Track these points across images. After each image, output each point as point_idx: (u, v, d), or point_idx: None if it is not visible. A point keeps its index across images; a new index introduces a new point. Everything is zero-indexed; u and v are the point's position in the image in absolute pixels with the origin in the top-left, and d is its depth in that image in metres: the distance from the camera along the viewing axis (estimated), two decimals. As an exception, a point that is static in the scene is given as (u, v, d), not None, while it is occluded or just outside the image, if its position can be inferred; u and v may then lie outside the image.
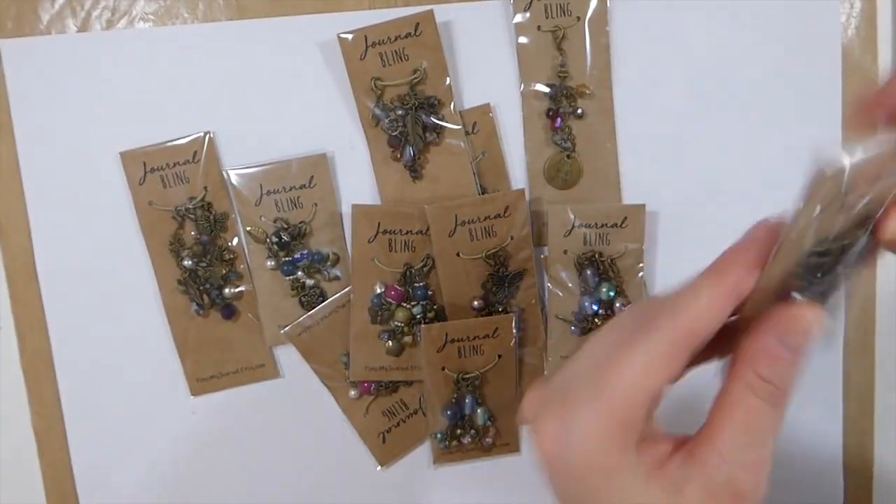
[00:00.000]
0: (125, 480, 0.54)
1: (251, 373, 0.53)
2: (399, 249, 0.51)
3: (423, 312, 0.52)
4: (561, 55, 0.52)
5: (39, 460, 0.53)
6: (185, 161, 0.51)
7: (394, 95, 0.50)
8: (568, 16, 0.51)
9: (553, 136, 0.52)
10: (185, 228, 0.51)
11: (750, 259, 0.25)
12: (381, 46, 0.49)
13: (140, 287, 0.52)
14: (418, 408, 0.54)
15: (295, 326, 0.52)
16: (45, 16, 0.50)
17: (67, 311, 0.52)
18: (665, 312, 0.26)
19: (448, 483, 0.55)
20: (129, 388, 0.53)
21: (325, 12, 0.50)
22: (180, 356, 0.53)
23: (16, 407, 0.53)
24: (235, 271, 0.52)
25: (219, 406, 0.54)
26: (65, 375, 0.52)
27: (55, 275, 0.51)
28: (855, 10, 0.53)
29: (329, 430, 0.54)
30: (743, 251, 0.26)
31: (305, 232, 0.52)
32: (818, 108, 0.53)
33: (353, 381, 0.53)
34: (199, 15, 0.50)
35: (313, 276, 0.52)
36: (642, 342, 0.25)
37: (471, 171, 0.52)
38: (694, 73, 0.53)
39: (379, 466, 0.55)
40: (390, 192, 0.52)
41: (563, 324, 0.53)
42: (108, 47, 0.50)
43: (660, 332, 0.25)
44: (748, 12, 0.52)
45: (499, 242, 0.51)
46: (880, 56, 0.53)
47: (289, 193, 0.51)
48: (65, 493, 0.53)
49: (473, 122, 0.52)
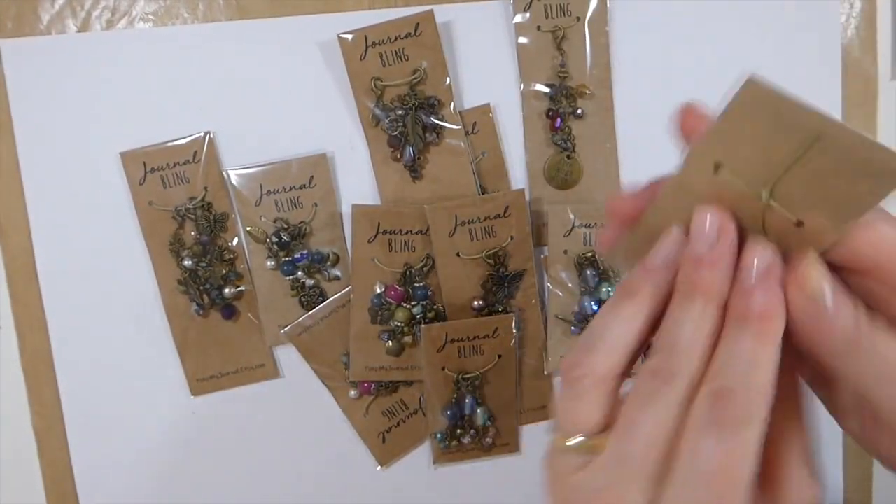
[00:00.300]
0: (125, 480, 0.54)
1: (251, 373, 0.53)
2: (399, 249, 0.51)
3: (423, 312, 0.52)
4: (561, 55, 0.52)
5: (39, 460, 0.53)
6: (185, 161, 0.51)
7: (394, 95, 0.50)
8: (568, 16, 0.51)
9: (553, 136, 0.52)
10: (186, 228, 0.51)
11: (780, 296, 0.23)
12: (381, 46, 0.49)
13: (140, 287, 0.52)
14: (418, 408, 0.54)
15: (295, 326, 0.52)
16: (45, 16, 0.50)
17: (67, 311, 0.52)
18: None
19: (448, 483, 0.55)
20: (129, 388, 0.53)
21: (325, 12, 0.50)
22: (180, 356, 0.53)
23: (16, 407, 0.53)
24: (235, 271, 0.52)
25: (219, 406, 0.54)
26: (65, 375, 0.52)
27: (55, 275, 0.51)
28: (855, 10, 0.53)
29: (329, 430, 0.54)
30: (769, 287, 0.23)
31: (305, 232, 0.52)
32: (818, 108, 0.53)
33: (353, 381, 0.53)
34: (199, 15, 0.50)
35: (313, 276, 0.52)
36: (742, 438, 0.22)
37: (471, 171, 0.52)
38: (694, 73, 0.53)
39: (379, 466, 0.55)
40: (390, 192, 0.52)
41: (563, 324, 0.53)
42: (108, 47, 0.50)
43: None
44: (748, 12, 0.52)
45: (499, 242, 0.51)
46: (880, 56, 0.53)
47: (289, 193, 0.51)
48: (65, 493, 0.53)
49: (473, 122, 0.52)
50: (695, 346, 0.23)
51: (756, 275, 0.23)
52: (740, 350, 0.23)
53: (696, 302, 0.23)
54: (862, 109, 0.54)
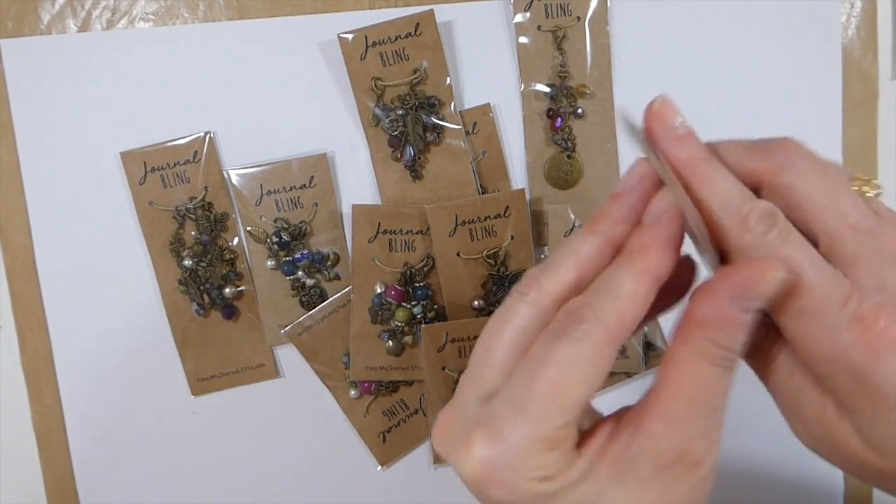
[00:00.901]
0: (125, 480, 0.54)
1: (251, 373, 0.53)
2: (399, 249, 0.51)
3: (424, 312, 0.52)
4: (561, 55, 0.52)
5: (39, 460, 0.53)
6: (186, 161, 0.51)
7: (394, 95, 0.50)
8: (568, 16, 0.51)
9: (553, 136, 0.52)
10: (186, 228, 0.51)
11: (668, 234, 0.24)
12: (382, 46, 0.49)
13: (140, 287, 0.52)
14: (418, 408, 0.54)
15: (295, 326, 0.52)
16: (46, 16, 0.50)
17: (67, 311, 0.52)
18: (587, 315, 0.24)
19: (448, 483, 0.55)
20: (129, 388, 0.53)
21: (325, 12, 0.50)
22: (180, 356, 0.53)
23: (16, 407, 0.53)
24: (236, 271, 0.52)
25: (219, 406, 0.54)
26: (65, 375, 0.52)
27: (55, 275, 0.51)
28: (855, 10, 0.53)
29: (329, 430, 0.54)
30: (658, 227, 0.25)
31: (305, 232, 0.52)
32: (818, 108, 0.53)
33: (353, 380, 0.53)
34: (199, 15, 0.50)
35: (313, 276, 0.52)
36: (567, 349, 0.23)
37: (471, 171, 0.52)
38: (694, 73, 0.53)
39: (379, 466, 0.55)
40: (390, 192, 0.52)
41: (563, 324, 0.53)
42: (108, 47, 0.50)
43: (586, 337, 0.23)
44: (748, 12, 0.52)
45: (499, 242, 0.51)
46: (880, 56, 0.53)
47: (289, 193, 0.51)
48: (65, 493, 0.53)
49: (473, 122, 0.52)
50: (564, 267, 0.25)
51: (650, 216, 0.25)
52: (609, 276, 0.24)
53: (588, 231, 0.26)
54: (862, 109, 0.54)
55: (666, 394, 0.24)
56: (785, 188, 0.24)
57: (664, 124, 0.25)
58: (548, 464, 0.23)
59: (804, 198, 0.24)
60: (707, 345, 0.23)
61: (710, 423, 0.24)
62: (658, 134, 0.25)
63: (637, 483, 0.23)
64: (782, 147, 0.25)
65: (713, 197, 0.24)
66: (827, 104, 0.53)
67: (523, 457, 0.23)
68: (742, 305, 0.23)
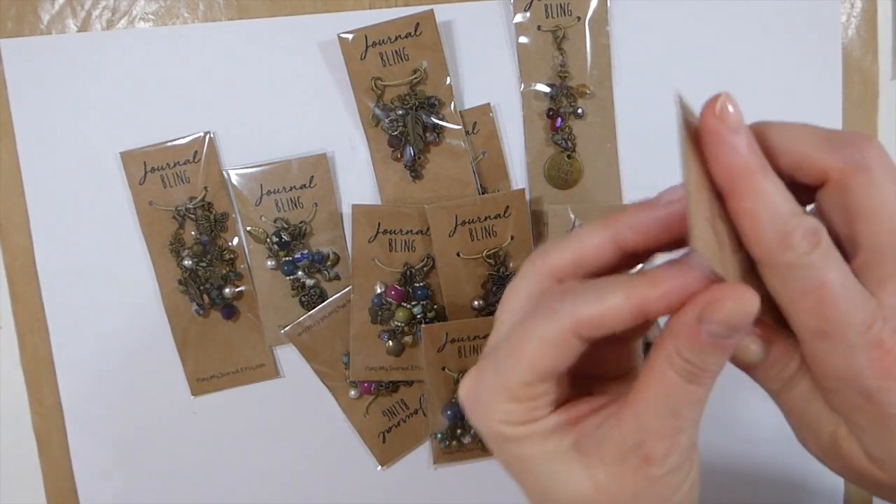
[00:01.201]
0: (125, 480, 0.54)
1: (251, 373, 0.53)
2: (399, 249, 0.51)
3: (424, 312, 0.52)
4: (561, 55, 0.52)
5: (39, 460, 0.53)
6: (186, 161, 0.51)
7: (394, 95, 0.50)
8: (568, 16, 0.51)
9: (553, 136, 0.52)
10: (186, 228, 0.51)
11: (689, 280, 0.23)
12: (382, 46, 0.49)
13: (140, 287, 0.52)
14: (418, 408, 0.54)
15: (295, 326, 0.52)
16: (45, 16, 0.50)
17: (67, 311, 0.52)
18: (566, 301, 0.25)
19: (448, 483, 0.55)
20: (129, 388, 0.53)
21: (325, 12, 0.50)
22: (180, 356, 0.53)
23: (16, 407, 0.53)
24: (235, 271, 0.52)
25: (219, 406, 0.54)
26: (65, 375, 0.52)
27: (55, 275, 0.51)
28: (855, 10, 0.53)
29: (329, 430, 0.54)
30: (683, 268, 0.24)
31: (305, 232, 0.52)
32: (818, 108, 0.53)
33: (353, 381, 0.53)
34: (199, 15, 0.50)
35: (313, 276, 0.52)
36: (541, 323, 0.25)
37: (471, 171, 0.52)
38: (694, 73, 0.53)
39: (379, 466, 0.55)
40: (390, 192, 0.52)
41: (563, 324, 0.53)
42: (108, 47, 0.50)
43: (556, 319, 0.24)
44: (748, 12, 0.52)
45: (499, 242, 0.51)
46: (880, 56, 0.53)
47: (289, 193, 0.51)
48: (65, 493, 0.53)
49: (473, 122, 0.52)
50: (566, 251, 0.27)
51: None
52: (607, 283, 0.25)
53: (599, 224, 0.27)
54: (862, 109, 0.54)
55: (636, 388, 0.25)
56: (849, 192, 0.23)
57: (724, 128, 0.23)
58: (509, 411, 0.26)
59: (866, 208, 0.23)
60: (673, 354, 0.24)
61: (672, 427, 0.24)
62: (713, 137, 0.23)
63: (598, 460, 0.25)
64: (857, 144, 0.24)
65: (763, 210, 0.22)
66: (827, 104, 0.53)
67: (490, 400, 0.26)
68: (704, 326, 0.23)
